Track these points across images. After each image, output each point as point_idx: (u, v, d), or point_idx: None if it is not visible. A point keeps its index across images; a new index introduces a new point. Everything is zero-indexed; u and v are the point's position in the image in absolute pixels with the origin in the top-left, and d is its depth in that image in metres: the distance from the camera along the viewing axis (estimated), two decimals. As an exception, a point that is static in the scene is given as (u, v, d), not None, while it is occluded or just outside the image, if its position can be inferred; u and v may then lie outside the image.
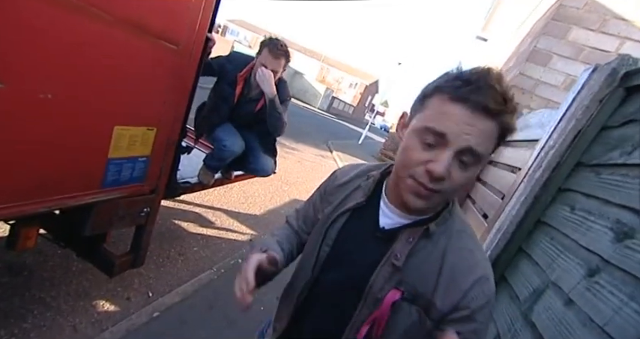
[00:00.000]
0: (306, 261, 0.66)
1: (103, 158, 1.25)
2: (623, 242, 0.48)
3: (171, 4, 1.22)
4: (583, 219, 0.61)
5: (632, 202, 0.51)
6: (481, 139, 0.44)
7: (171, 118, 1.48)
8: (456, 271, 0.48)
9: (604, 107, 0.74)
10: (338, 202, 0.63)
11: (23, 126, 0.95)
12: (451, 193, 0.48)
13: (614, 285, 0.45)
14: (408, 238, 0.51)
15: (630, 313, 0.40)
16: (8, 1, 0.81)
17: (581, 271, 0.53)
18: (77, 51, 0.99)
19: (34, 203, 1.09)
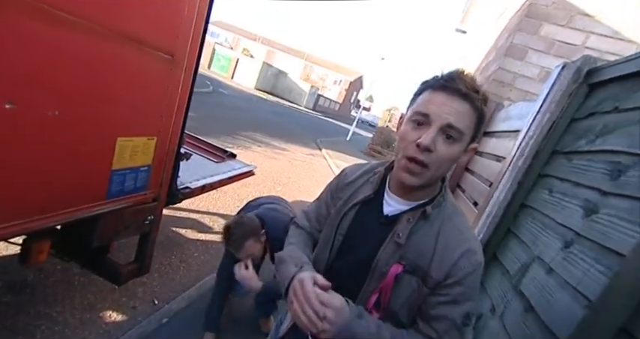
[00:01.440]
0: (321, 251, 0.75)
1: (107, 170, 1.29)
2: (590, 217, 0.58)
3: (164, 15, 1.26)
4: (559, 200, 0.71)
5: (596, 183, 0.61)
6: (459, 117, 0.55)
7: (170, 127, 1.52)
8: (448, 246, 0.59)
9: (572, 101, 0.84)
10: (348, 196, 0.73)
11: (33, 143, 0.99)
12: (436, 168, 0.58)
13: (584, 252, 0.56)
14: (408, 220, 0.62)
15: (596, 273, 0.50)
16: (15, 25, 0.85)
17: (558, 244, 0.63)
18: (80, 68, 1.04)
19: (45, 218, 1.13)
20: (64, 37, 0.96)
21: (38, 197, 1.07)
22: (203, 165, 2.55)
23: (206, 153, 2.83)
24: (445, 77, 0.58)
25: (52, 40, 0.93)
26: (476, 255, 0.59)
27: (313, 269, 0.70)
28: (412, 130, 0.58)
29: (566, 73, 0.93)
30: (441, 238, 0.60)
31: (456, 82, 0.56)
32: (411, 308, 0.61)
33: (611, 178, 0.58)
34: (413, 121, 0.59)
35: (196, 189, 2.15)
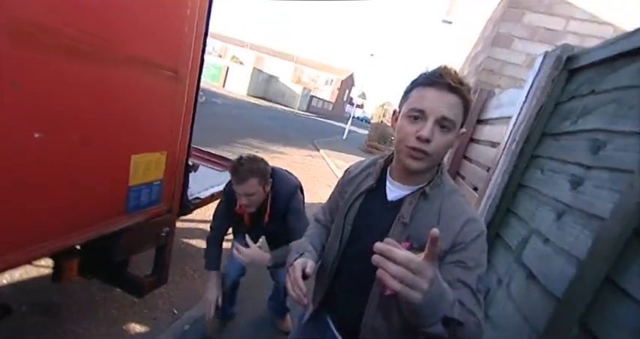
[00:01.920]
0: (333, 240, 0.84)
1: (124, 187, 1.37)
2: (577, 189, 0.66)
3: (167, 34, 1.34)
4: (550, 177, 0.79)
5: (580, 159, 0.69)
6: (450, 109, 0.64)
7: (179, 140, 1.60)
8: (450, 219, 0.66)
9: (555, 86, 0.93)
10: (353, 189, 0.81)
11: (58, 168, 1.06)
12: (437, 155, 0.66)
13: (574, 221, 0.63)
14: (410, 202, 0.70)
15: (584, 237, 0.58)
16: (43, 62, 0.93)
17: (552, 216, 0.71)
18: (96, 93, 1.12)
19: (72, 237, 1.20)
20: (82, 68, 1.04)
21: (65, 217, 1.14)
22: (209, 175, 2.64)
23: (210, 163, 2.93)
24: (432, 74, 0.66)
25: (72, 72, 1.01)
26: (477, 223, 0.65)
27: (311, 257, 0.80)
28: (410, 124, 0.66)
29: (548, 61, 1.01)
30: (443, 213, 0.67)
31: (444, 77, 0.64)
32: None
33: (592, 153, 0.66)
34: (409, 116, 0.66)
35: (206, 198, 2.23)
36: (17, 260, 1.02)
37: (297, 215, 1.48)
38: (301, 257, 0.81)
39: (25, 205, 0.98)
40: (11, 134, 0.87)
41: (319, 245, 0.93)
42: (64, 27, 0.93)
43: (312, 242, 0.92)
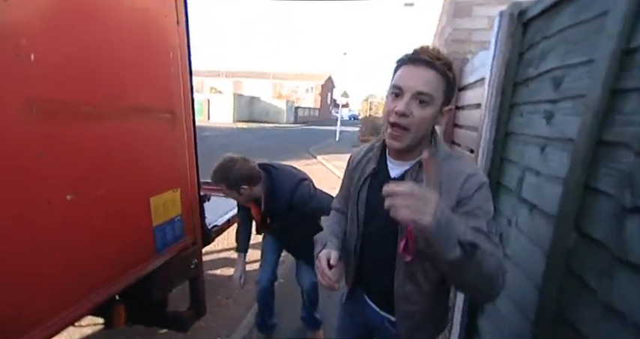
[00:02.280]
0: (351, 224, 0.92)
1: (150, 228, 1.46)
2: (550, 122, 0.76)
3: (157, 79, 1.46)
4: (529, 119, 0.89)
5: (547, 96, 0.79)
6: (426, 84, 0.69)
7: (188, 175, 1.70)
8: (450, 182, 0.72)
9: (515, 40, 1.03)
10: (359, 175, 0.89)
11: (90, 224, 1.15)
12: (416, 129, 0.71)
13: (554, 149, 0.73)
14: (411, 175, 0.77)
15: (564, 160, 0.67)
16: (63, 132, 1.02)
17: (537, 151, 0.80)
18: (112, 148, 1.23)
19: (113, 286, 1.28)
20: (95, 128, 1.15)
21: (103, 268, 1.23)
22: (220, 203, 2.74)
23: (218, 192, 3.03)
24: (412, 52, 0.73)
25: (87, 133, 1.12)
26: (476, 176, 0.72)
27: (334, 246, 0.89)
28: (392, 101, 0.73)
29: (503, 19, 1.12)
30: (443, 178, 0.73)
31: (420, 54, 0.71)
32: None
33: (555, 88, 0.77)
34: (391, 94, 0.74)
35: (223, 224, 2.34)
36: (72, 316, 1.11)
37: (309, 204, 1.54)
38: (324, 248, 0.89)
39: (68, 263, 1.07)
40: (48, 200, 0.97)
41: (340, 232, 1.02)
42: (75, 97, 1.05)
43: (333, 231, 1.01)
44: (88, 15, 1.07)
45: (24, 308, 0.94)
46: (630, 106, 0.52)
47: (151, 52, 1.39)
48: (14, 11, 0.84)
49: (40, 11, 0.91)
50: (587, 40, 0.66)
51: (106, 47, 1.16)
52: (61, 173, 1.02)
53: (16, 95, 0.87)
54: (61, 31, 0.98)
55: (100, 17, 1.12)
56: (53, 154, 0.99)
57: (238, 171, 1.50)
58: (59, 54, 0.98)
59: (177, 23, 1.51)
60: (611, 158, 0.55)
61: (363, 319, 1.07)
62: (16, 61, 0.86)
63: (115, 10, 1.19)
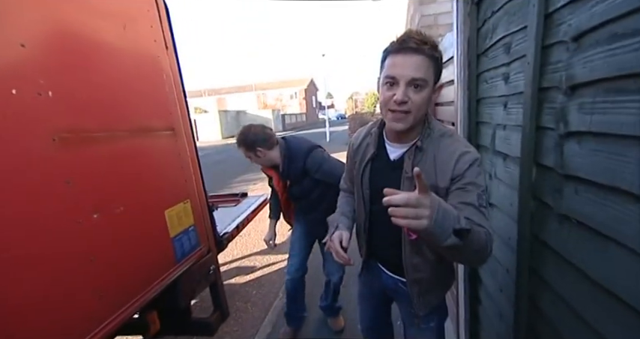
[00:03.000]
0: (359, 204, 1.05)
1: (168, 239, 1.58)
2: (507, 82, 0.92)
3: (156, 99, 1.60)
4: (492, 84, 1.05)
5: (502, 61, 0.95)
6: (418, 70, 0.74)
7: (195, 186, 1.84)
8: (444, 162, 0.80)
9: (471, 18, 1.20)
10: (360, 159, 1.00)
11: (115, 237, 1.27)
12: (416, 111, 0.79)
13: (512, 104, 0.89)
14: (409, 157, 0.86)
15: (520, 110, 0.82)
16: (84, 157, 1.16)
17: (501, 108, 0.96)
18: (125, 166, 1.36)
19: (147, 292, 1.41)
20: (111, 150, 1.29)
21: (135, 277, 1.35)
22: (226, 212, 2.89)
23: (223, 202, 3.19)
24: (398, 40, 0.76)
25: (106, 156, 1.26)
26: (468, 154, 0.78)
27: (345, 226, 1.02)
28: (387, 90, 0.79)
29: (460, 2, 1.29)
30: (437, 160, 0.82)
31: (407, 41, 0.75)
32: None
33: (506, 53, 0.92)
34: (386, 83, 0.80)
35: (233, 231, 2.47)
36: (123, 317, 1.23)
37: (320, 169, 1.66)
38: (337, 230, 1.02)
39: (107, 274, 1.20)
40: (79, 221, 1.10)
41: (350, 211, 1.14)
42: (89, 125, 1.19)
43: (344, 212, 1.13)
44: (91, 51, 1.22)
45: (80, 316, 1.07)
46: (555, 57, 0.68)
47: (147, 76, 1.53)
48: (32, 55, 0.98)
49: (52, 53, 1.05)
50: (521, 11, 0.82)
51: (110, 77, 1.30)
52: (85, 195, 1.15)
53: (40, 129, 1.00)
54: (71, 68, 1.12)
55: (101, 51, 1.27)
56: (77, 178, 1.12)
57: (254, 134, 1.73)
58: (72, 89, 1.11)
59: (165, 47, 1.66)
60: (549, 100, 0.70)
61: (380, 286, 1.21)
62: (37, 99, 0.99)
63: (113, 42, 1.33)
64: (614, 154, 0.51)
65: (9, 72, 0.91)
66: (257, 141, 1.72)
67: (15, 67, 0.92)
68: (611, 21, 0.50)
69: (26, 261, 0.92)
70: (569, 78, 0.62)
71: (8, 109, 0.90)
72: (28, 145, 0.96)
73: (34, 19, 1.00)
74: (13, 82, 0.91)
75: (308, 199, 1.77)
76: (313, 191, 1.73)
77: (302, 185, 1.73)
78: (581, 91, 0.59)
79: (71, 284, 1.06)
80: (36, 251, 0.95)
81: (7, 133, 0.90)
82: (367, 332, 1.48)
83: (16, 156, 0.92)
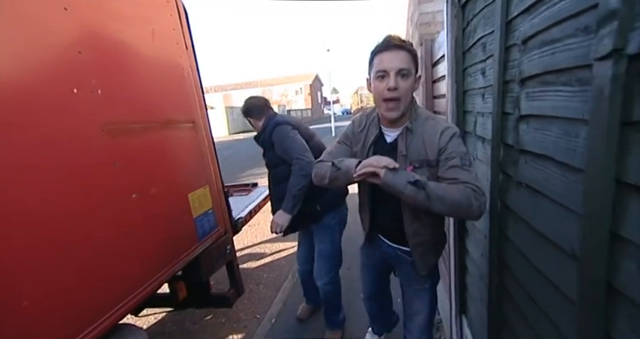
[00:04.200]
0: (363, 184, 1.22)
1: (191, 220, 1.81)
2: (484, 76, 1.09)
3: (178, 94, 1.80)
4: (474, 77, 1.22)
5: (480, 58, 1.12)
6: (403, 61, 1.00)
7: (213, 174, 2.05)
8: (430, 138, 1.03)
9: (458, 19, 1.36)
10: (364, 140, 1.19)
11: (149, 216, 1.48)
12: (405, 98, 1.02)
13: (488, 95, 1.06)
14: (401, 139, 1.08)
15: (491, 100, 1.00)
16: (126, 144, 1.37)
17: (480, 99, 1.13)
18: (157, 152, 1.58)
19: (175, 263, 1.63)
20: (146, 139, 1.52)
21: (168, 250, 1.58)
22: (239, 200, 3.11)
23: (236, 191, 3.43)
24: (383, 42, 1.03)
25: (142, 144, 1.48)
26: (449, 129, 1.03)
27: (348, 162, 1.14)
28: (380, 83, 1.02)
29: (449, 4, 1.45)
30: (425, 138, 1.04)
31: (390, 41, 1.02)
32: None
33: (483, 51, 1.09)
34: (378, 77, 1.03)
35: (246, 216, 2.69)
36: (158, 282, 1.45)
37: (281, 144, 1.77)
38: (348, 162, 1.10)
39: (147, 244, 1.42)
40: (121, 198, 1.32)
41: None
42: (128, 118, 1.40)
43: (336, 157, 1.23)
44: (127, 55, 1.43)
45: (130, 273, 1.29)
46: (513, 56, 0.85)
47: (171, 74, 1.74)
48: (86, 60, 1.18)
49: (100, 58, 1.26)
50: (492, 16, 0.99)
51: (142, 77, 1.51)
52: (127, 177, 1.36)
53: (94, 121, 1.21)
54: (114, 70, 1.33)
55: (134, 54, 1.47)
56: (120, 163, 1.33)
57: (249, 104, 1.95)
58: (114, 87, 1.32)
59: (185, 48, 1.86)
60: (510, 91, 0.88)
61: (380, 256, 1.40)
62: (91, 96, 1.20)
63: (143, 46, 1.53)
64: (543, 130, 0.69)
65: (71, 74, 1.12)
66: (249, 110, 1.93)
67: (75, 70, 1.13)
68: (540, 31, 0.68)
69: (88, 229, 1.14)
70: (520, 73, 0.80)
71: (72, 105, 1.11)
72: (86, 134, 1.17)
73: (86, 30, 1.20)
74: (74, 83, 1.12)
75: (273, 172, 1.90)
76: (278, 166, 1.83)
77: (269, 155, 1.88)
78: (527, 83, 0.77)
79: (121, 251, 1.28)
80: (95, 222, 1.17)
81: (72, 124, 1.11)
82: (369, 300, 1.68)
83: (78, 143, 1.13)
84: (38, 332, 0.94)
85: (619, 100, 0.44)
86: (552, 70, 0.65)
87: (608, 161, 0.47)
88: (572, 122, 0.58)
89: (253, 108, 1.93)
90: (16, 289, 0.89)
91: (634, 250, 0.45)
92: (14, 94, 0.93)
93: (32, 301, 0.93)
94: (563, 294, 0.63)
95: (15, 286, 0.89)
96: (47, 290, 0.98)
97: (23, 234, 0.92)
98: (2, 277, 0.86)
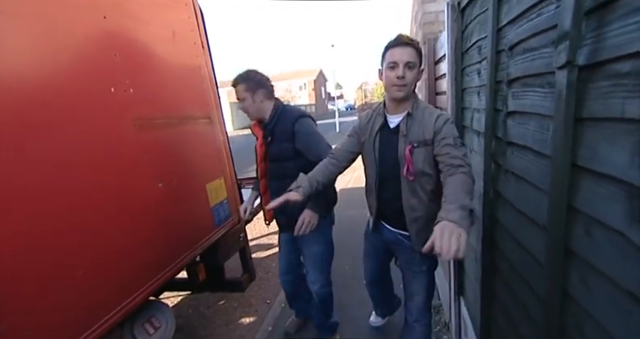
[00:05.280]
0: (370, 168, 1.38)
1: (209, 208, 1.95)
2: (479, 77, 1.21)
3: (197, 92, 1.94)
4: (471, 77, 1.34)
5: (476, 59, 1.24)
6: (410, 55, 1.19)
7: (227, 167, 2.19)
8: (427, 122, 1.20)
9: (457, 23, 1.48)
10: (369, 131, 1.35)
11: (174, 201, 1.63)
12: (410, 84, 1.20)
13: (483, 93, 1.18)
14: (404, 122, 1.25)
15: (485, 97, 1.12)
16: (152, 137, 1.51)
17: (476, 96, 1.26)
18: (178, 145, 1.72)
19: (197, 247, 1.78)
20: (170, 133, 1.66)
21: (190, 234, 1.73)
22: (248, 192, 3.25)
23: (246, 184, 3.58)
24: (395, 39, 1.22)
25: (167, 137, 1.63)
26: (443, 115, 1.20)
27: (303, 191, 1.30)
28: (391, 72, 1.21)
29: (449, 8, 1.57)
30: (423, 121, 1.21)
31: (400, 39, 1.21)
32: (430, 164, 1.22)
33: (479, 54, 1.22)
34: (389, 67, 1.22)
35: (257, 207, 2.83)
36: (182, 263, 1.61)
37: (307, 137, 1.60)
38: (296, 190, 1.30)
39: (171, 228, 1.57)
40: (149, 187, 1.46)
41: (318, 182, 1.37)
42: (155, 113, 1.54)
43: (311, 178, 1.38)
44: (153, 56, 1.57)
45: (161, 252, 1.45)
46: (502, 60, 0.98)
47: (190, 73, 1.88)
48: (121, 61, 1.32)
49: (131, 59, 1.40)
50: (485, 23, 1.11)
51: (165, 76, 1.65)
52: (153, 167, 1.51)
53: (127, 116, 1.36)
54: (142, 70, 1.48)
55: (159, 56, 1.61)
56: (148, 154, 1.48)
57: (261, 76, 1.65)
58: (143, 86, 1.46)
59: (202, 47, 1.99)
60: (500, 90, 1.00)
61: (382, 242, 1.54)
62: (125, 94, 1.34)
63: (166, 48, 1.67)
64: (525, 124, 0.81)
65: (109, 75, 1.26)
66: (262, 83, 1.63)
67: (112, 71, 1.28)
68: (522, 40, 0.80)
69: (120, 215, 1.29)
70: (508, 75, 0.92)
71: (109, 102, 1.26)
72: (122, 128, 1.32)
73: (120, 35, 1.34)
74: (111, 83, 1.27)
75: (281, 164, 1.64)
76: (289, 160, 1.62)
77: (282, 146, 1.62)
78: (513, 84, 0.89)
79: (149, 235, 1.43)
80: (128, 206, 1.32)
81: (110, 119, 1.26)
82: (370, 285, 1.83)
83: (116, 135, 1.28)
84: (94, 301, 1.10)
85: (573, 101, 0.57)
86: (531, 74, 0.78)
87: (566, 149, 0.60)
88: (545, 118, 0.71)
89: (265, 84, 1.65)
90: (74, 263, 1.05)
91: (583, 218, 0.58)
92: (67, 93, 1.08)
93: (86, 272, 1.08)
94: (536, 260, 0.76)
95: (73, 260, 1.05)
96: (102, 264, 1.13)
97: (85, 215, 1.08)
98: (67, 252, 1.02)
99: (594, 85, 0.53)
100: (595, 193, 0.54)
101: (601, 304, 0.54)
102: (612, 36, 0.47)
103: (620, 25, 0.45)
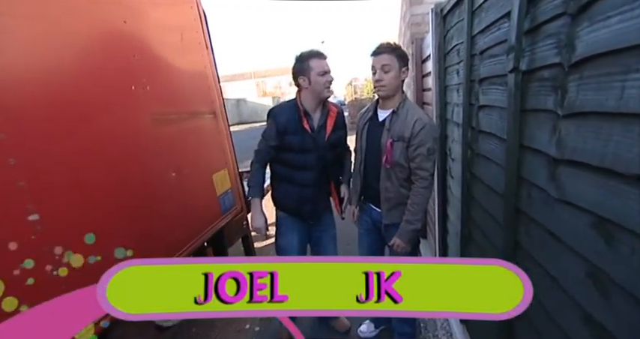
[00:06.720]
0: (359, 152, 1.56)
1: (216, 196, 2.11)
2: (458, 75, 1.41)
3: (201, 88, 2.09)
4: (452, 75, 1.54)
5: (455, 60, 1.44)
6: (384, 60, 1.36)
7: (230, 158, 2.35)
8: (408, 122, 1.37)
9: (440, 27, 1.67)
10: (363, 119, 1.55)
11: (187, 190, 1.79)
12: (388, 84, 1.38)
13: (461, 90, 1.38)
14: (389, 119, 1.44)
15: (463, 94, 1.32)
16: (166, 130, 1.66)
17: (456, 93, 1.46)
18: (188, 138, 1.87)
19: (206, 232, 1.94)
20: (180, 126, 1.80)
21: (200, 220, 1.89)
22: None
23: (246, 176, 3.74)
24: (374, 49, 1.40)
25: (178, 130, 1.77)
26: (421, 119, 1.36)
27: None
28: (373, 75, 1.41)
29: (433, 14, 1.76)
30: (405, 121, 1.38)
31: (376, 49, 1.39)
32: (405, 157, 1.40)
33: (457, 56, 1.41)
34: (372, 73, 1.41)
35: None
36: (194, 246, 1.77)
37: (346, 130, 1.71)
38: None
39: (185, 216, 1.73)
40: (165, 176, 1.61)
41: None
42: (167, 109, 1.69)
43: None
44: (165, 56, 1.72)
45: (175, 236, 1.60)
46: (475, 62, 1.18)
47: (197, 71, 2.03)
48: (139, 61, 1.47)
49: (147, 59, 1.54)
50: (462, 30, 1.30)
51: (175, 74, 1.80)
52: (168, 158, 1.66)
53: (145, 112, 1.51)
54: (156, 69, 1.62)
55: (170, 56, 1.76)
56: (163, 146, 1.63)
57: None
58: (157, 84, 1.61)
59: (206, 47, 2.14)
60: (474, 88, 1.20)
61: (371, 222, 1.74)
62: (143, 92, 1.49)
63: (176, 48, 1.82)
64: (490, 115, 1.02)
65: (130, 74, 1.41)
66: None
67: (132, 71, 1.43)
68: (489, 47, 1.00)
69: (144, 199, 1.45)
70: (479, 75, 1.12)
71: (130, 99, 1.41)
72: (142, 122, 1.47)
73: (138, 37, 1.49)
74: (132, 81, 1.42)
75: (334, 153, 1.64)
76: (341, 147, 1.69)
77: (339, 134, 1.63)
78: (482, 82, 1.09)
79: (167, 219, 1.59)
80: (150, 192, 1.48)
81: (132, 114, 1.41)
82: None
83: (138, 129, 1.43)
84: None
85: (519, 97, 0.77)
86: (494, 75, 0.98)
87: (515, 133, 0.80)
88: (503, 110, 0.91)
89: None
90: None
91: (527, 184, 0.78)
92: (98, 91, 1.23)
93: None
94: (497, 222, 0.97)
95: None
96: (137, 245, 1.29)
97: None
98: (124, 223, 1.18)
99: (531, 85, 0.73)
100: (532, 164, 0.74)
101: (536, 247, 0.75)
102: (539, 51, 0.67)
103: (543, 44, 0.65)
